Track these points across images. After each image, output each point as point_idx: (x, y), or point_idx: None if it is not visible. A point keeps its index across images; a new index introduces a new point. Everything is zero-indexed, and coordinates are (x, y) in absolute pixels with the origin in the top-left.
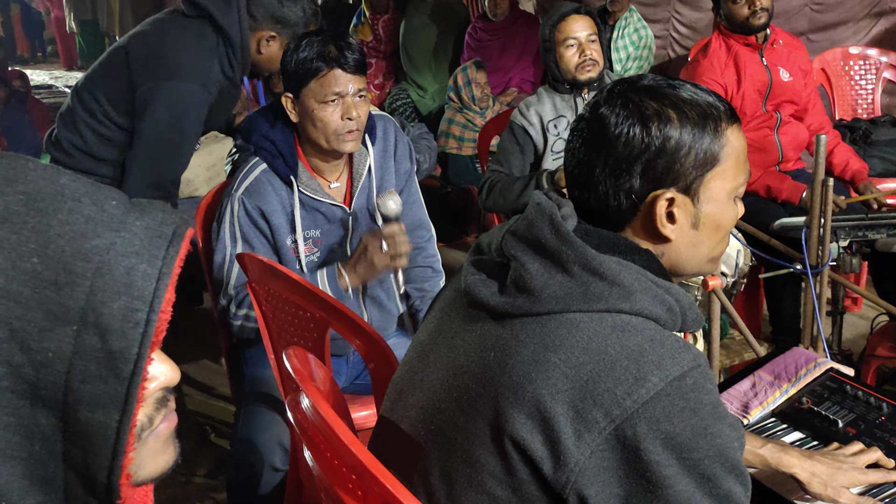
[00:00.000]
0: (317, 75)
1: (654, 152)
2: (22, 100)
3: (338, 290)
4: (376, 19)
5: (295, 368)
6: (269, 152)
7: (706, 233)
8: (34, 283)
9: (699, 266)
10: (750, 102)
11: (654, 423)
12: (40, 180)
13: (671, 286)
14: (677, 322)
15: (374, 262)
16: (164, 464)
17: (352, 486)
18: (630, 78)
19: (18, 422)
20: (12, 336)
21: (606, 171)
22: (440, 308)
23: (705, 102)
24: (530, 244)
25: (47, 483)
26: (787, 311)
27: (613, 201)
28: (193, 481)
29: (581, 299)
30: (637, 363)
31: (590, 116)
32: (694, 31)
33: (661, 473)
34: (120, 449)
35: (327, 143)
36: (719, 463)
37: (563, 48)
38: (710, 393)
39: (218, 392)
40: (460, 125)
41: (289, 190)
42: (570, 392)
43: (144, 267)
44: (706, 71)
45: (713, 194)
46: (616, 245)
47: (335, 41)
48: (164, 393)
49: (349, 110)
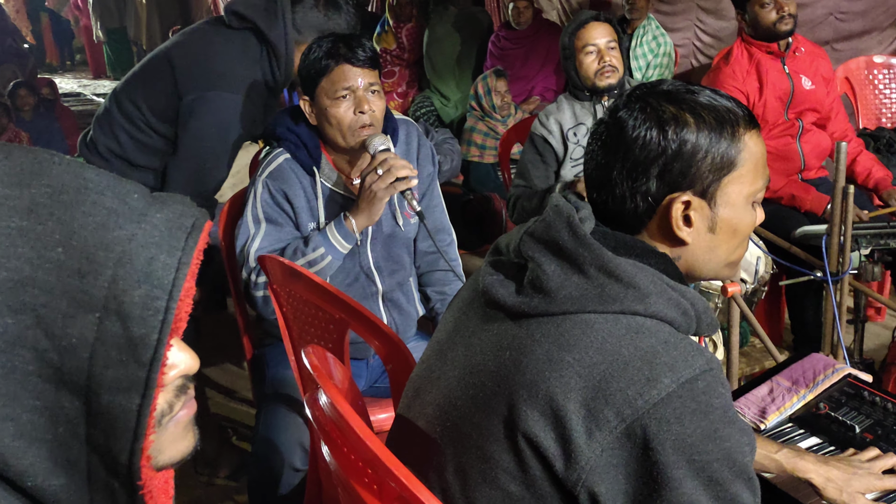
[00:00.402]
0: (327, 73)
1: (671, 156)
2: (50, 107)
3: (345, 232)
4: (399, 28)
5: (313, 365)
6: (293, 143)
7: (723, 237)
8: (59, 272)
9: (716, 270)
10: (772, 110)
11: (664, 423)
12: (65, 174)
13: (686, 290)
14: (692, 325)
15: (373, 191)
16: (184, 449)
17: (368, 480)
18: (650, 83)
19: (44, 405)
20: (38, 322)
21: (624, 173)
22: (458, 308)
23: (723, 107)
24: (548, 245)
25: (71, 465)
26: (809, 320)
27: (630, 204)
28: (215, 483)
29: (596, 300)
30: (650, 364)
31: (609, 120)
32: (717, 39)
33: (668, 475)
34: (140, 432)
35: (343, 139)
36: (727, 467)
37: (582, 55)
38: (722, 397)
39: (240, 396)
40: (482, 133)
41: (311, 179)
42: (583, 391)
43: (164, 257)
44: (728, 78)
45: (730, 199)
46: (633, 248)
47: (343, 39)
48: (184, 381)
49: (361, 104)
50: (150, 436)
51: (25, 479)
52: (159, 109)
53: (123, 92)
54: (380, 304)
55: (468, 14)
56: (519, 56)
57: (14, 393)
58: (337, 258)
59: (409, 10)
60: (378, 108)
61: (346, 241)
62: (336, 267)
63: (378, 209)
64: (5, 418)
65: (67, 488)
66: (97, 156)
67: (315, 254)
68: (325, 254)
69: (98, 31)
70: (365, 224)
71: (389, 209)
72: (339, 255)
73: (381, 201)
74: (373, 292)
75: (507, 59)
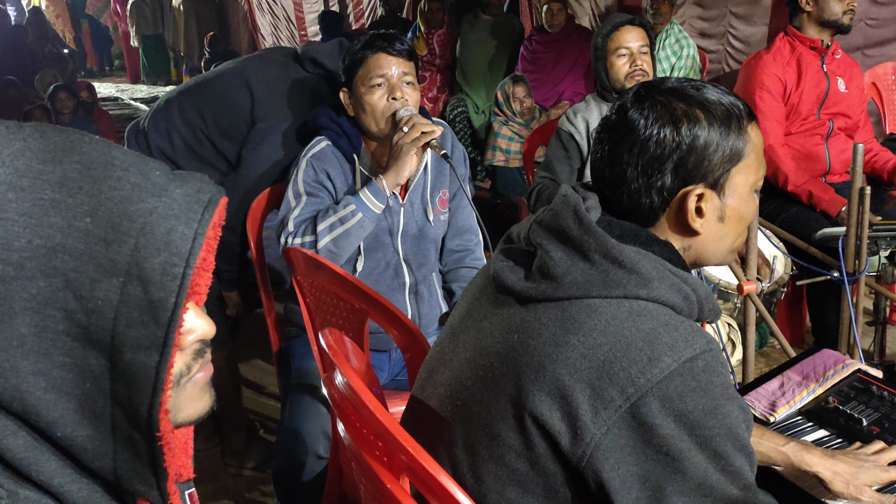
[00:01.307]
0: (363, 62)
1: (685, 150)
2: (89, 110)
3: (376, 189)
4: (431, 34)
5: (328, 345)
6: (334, 132)
7: (731, 225)
8: (87, 239)
9: (722, 256)
10: (806, 103)
11: (667, 401)
12: (94, 152)
13: (688, 276)
14: (693, 310)
15: (400, 146)
16: (201, 409)
17: (378, 452)
18: (653, 81)
19: (73, 362)
20: (67, 286)
21: (639, 170)
22: (471, 293)
23: (728, 102)
24: (555, 233)
25: (97, 417)
26: (830, 322)
27: (645, 199)
28: (243, 474)
29: (601, 286)
30: (651, 345)
31: (617, 119)
32: (748, 45)
33: (676, 447)
34: (159, 387)
35: (377, 125)
36: (730, 441)
37: (614, 57)
38: (721, 375)
39: (268, 391)
40: (507, 138)
41: (350, 167)
42: (588, 371)
43: (182, 228)
44: (769, 64)
45: (737, 188)
46: (637, 236)
47: (381, 33)
48: (202, 345)
49: (394, 91)
50: (168, 391)
51: (55, 430)
52: (227, 128)
53: (190, 97)
54: (406, 296)
55: (503, 21)
56: (550, 59)
57: (46, 350)
58: (369, 217)
59: (440, 16)
60: (412, 98)
61: (377, 198)
62: (369, 229)
63: (405, 164)
64: (37, 373)
65: (93, 439)
66: (146, 150)
67: (346, 210)
68: (355, 210)
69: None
70: (393, 180)
71: (422, 206)
72: (370, 214)
73: (408, 155)
74: (400, 284)
75: (537, 63)
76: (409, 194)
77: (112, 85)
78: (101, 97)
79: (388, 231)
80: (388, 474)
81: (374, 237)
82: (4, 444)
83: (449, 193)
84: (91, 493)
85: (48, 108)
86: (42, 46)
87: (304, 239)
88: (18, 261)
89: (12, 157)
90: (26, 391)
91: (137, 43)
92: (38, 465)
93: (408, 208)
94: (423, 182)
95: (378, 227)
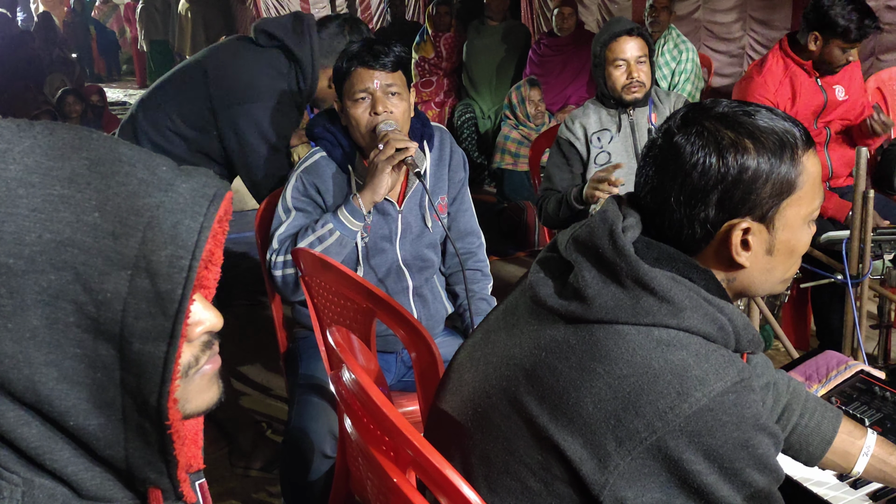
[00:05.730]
0: (348, 76)
1: (731, 182)
2: (99, 114)
3: (352, 208)
4: (438, 37)
5: (336, 342)
6: (329, 142)
7: (780, 258)
8: (95, 233)
9: (771, 288)
10: (802, 116)
11: (695, 436)
12: (101, 148)
13: (725, 305)
14: (730, 341)
15: (375, 163)
16: (209, 400)
17: (385, 447)
18: (704, 104)
19: (83, 352)
20: (77, 279)
21: (681, 199)
22: (513, 294)
23: (782, 129)
24: (588, 251)
25: (108, 406)
26: (835, 325)
27: (688, 230)
28: (250, 474)
29: (630, 312)
30: (681, 378)
31: (663, 143)
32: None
33: (703, 481)
34: (167, 376)
35: (363, 139)
36: (758, 470)
37: (611, 67)
38: (753, 406)
39: (275, 393)
40: (516, 142)
41: (346, 177)
42: (613, 402)
43: (188, 222)
44: (759, 87)
45: (788, 221)
46: (675, 261)
47: (367, 43)
48: (210, 337)
49: (376, 105)
50: (176, 381)
51: (68, 419)
52: (191, 116)
53: (151, 99)
54: (410, 298)
55: (510, 27)
56: (557, 63)
57: (57, 341)
58: (347, 235)
59: (447, 20)
60: (398, 108)
61: (354, 217)
62: (349, 247)
63: (380, 182)
64: (50, 364)
65: (105, 427)
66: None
67: (323, 230)
68: (332, 229)
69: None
70: (370, 199)
71: (420, 211)
72: (348, 232)
73: (383, 173)
74: (403, 288)
75: (545, 66)
76: (407, 200)
77: (120, 90)
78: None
79: (387, 238)
80: (394, 468)
81: (372, 244)
82: (19, 433)
83: (448, 198)
84: (104, 481)
85: (55, 114)
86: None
87: (287, 257)
88: (30, 255)
89: (23, 154)
90: (39, 381)
91: (145, 48)
92: (52, 454)
93: (405, 215)
94: (420, 188)
95: (377, 234)
